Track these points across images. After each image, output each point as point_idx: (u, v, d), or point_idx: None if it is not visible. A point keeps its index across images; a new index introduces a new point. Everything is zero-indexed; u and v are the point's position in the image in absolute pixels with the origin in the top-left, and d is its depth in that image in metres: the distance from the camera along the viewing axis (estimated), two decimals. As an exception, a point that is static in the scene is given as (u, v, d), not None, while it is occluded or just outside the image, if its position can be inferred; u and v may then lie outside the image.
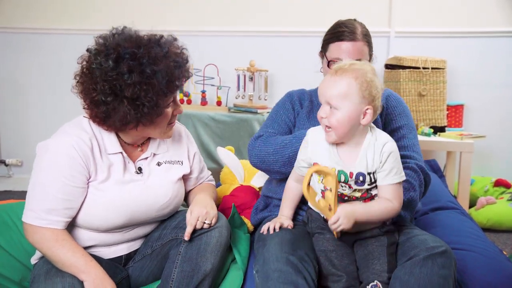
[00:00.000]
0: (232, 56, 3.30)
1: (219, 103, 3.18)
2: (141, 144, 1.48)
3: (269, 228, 1.43)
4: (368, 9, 3.19)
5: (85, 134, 1.35)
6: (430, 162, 2.51)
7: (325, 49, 1.63)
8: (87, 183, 1.35)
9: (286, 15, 3.32)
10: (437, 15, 3.20)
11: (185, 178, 1.58)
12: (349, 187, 1.31)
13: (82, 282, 1.26)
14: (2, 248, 1.54)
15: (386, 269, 1.28)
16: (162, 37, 1.37)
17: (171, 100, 1.38)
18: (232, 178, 2.00)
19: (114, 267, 1.42)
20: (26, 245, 1.55)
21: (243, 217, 1.74)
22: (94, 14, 3.41)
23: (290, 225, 1.44)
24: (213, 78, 3.18)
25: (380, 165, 1.29)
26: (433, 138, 2.82)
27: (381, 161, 1.28)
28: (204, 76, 3.18)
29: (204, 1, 3.36)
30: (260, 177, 1.93)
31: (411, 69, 2.90)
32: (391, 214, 1.32)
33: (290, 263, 1.25)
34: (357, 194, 1.32)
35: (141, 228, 1.47)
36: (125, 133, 1.41)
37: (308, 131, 1.40)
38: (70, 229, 1.37)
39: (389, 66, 3.09)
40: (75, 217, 1.35)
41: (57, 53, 3.45)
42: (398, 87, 2.93)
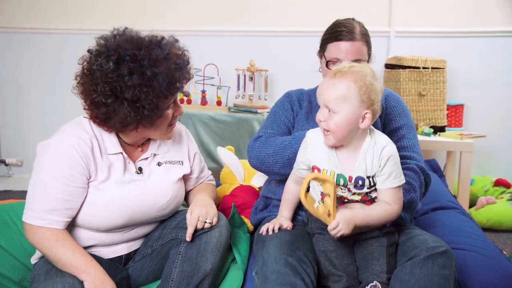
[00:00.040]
0: (232, 56, 3.30)
1: (219, 103, 3.18)
2: (142, 145, 1.47)
3: (268, 229, 1.43)
4: (368, 8, 3.19)
5: (86, 134, 1.35)
6: (430, 162, 2.51)
7: (324, 49, 1.61)
8: (88, 183, 1.35)
9: (286, 15, 3.31)
10: (437, 15, 3.20)
11: (185, 178, 1.57)
12: (349, 190, 1.30)
13: (82, 282, 1.26)
14: (2, 248, 1.54)
15: (385, 269, 1.28)
16: (163, 38, 1.36)
17: (171, 101, 1.37)
18: (232, 178, 2.00)
19: (114, 267, 1.42)
20: (26, 245, 1.55)
21: (243, 217, 1.74)
22: (94, 14, 3.40)
23: (289, 226, 1.44)
24: (213, 78, 3.18)
25: (379, 169, 1.27)
26: (433, 138, 2.82)
27: (380, 165, 1.27)
28: (204, 76, 3.17)
29: (204, 1, 3.36)
30: (260, 177, 1.92)
31: (411, 69, 2.90)
32: (391, 217, 1.31)
33: (288, 265, 1.25)
34: (357, 197, 1.31)
35: (141, 228, 1.47)
36: (125, 134, 1.41)
37: (307, 133, 1.38)
38: (70, 229, 1.37)
39: (389, 66, 3.09)
40: (75, 217, 1.35)
41: (57, 53, 3.45)
42: (398, 87, 2.92)
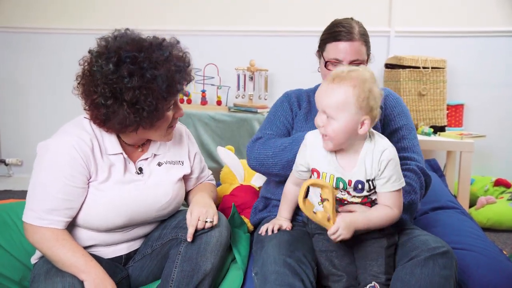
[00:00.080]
0: (232, 55, 3.29)
1: (219, 102, 3.18)
2: (142, 145, 1.47)
3: (267, 229, 1.43)
4: (368, 8, 3.19)
5: (86, 134, 1.35)
6: (430, 162, 2.51)
7: (322, 49, 1.59)
8: (88, 183, 1.35)
9: (286, 15, 3.31)
10: (437, 14, 3.20)
11: (185, 178, 1.57)
12: (348, 193, 1.30)
13: (82, 282, 1.26)
14: (2, 248, 1.54)
15: (383, 270, 1.28)
16: (164, 40, 1.35)
17: (171, 103, 1.37)
18: (232, 178, 2.00)
19: (114, 267, 1.42)
20: (26, 245, 1.55)
21: (243, 216, 1.74)
22: (94, 14, 3.40)
23: (288, 226, 1.43)
24: (213, 77, 3.18)
25: (378, 172, 1.26)
26: (433, 138, 2.82)
27: (380, 168, 1.26)
28: (204, 76, 3.17)
29: (204, 1, 3.36)
30: (260, 177, 1.92)
31: (411, 69, 2.90)
32: (391, 221, 1.30)
33: (287, 265, 1.24)
34: (356, 200, 1.31)
35: (141, 228, 1.47)
36: (125, 135, 1.41)
37: (306, 135, 1.37)
38: (70, 229, 1.37)
39: (389, 66, 3.09)
40: (75, 217, 1.35)
41: (57, 53, 3.44)
42: (398, 86, 2.92)
